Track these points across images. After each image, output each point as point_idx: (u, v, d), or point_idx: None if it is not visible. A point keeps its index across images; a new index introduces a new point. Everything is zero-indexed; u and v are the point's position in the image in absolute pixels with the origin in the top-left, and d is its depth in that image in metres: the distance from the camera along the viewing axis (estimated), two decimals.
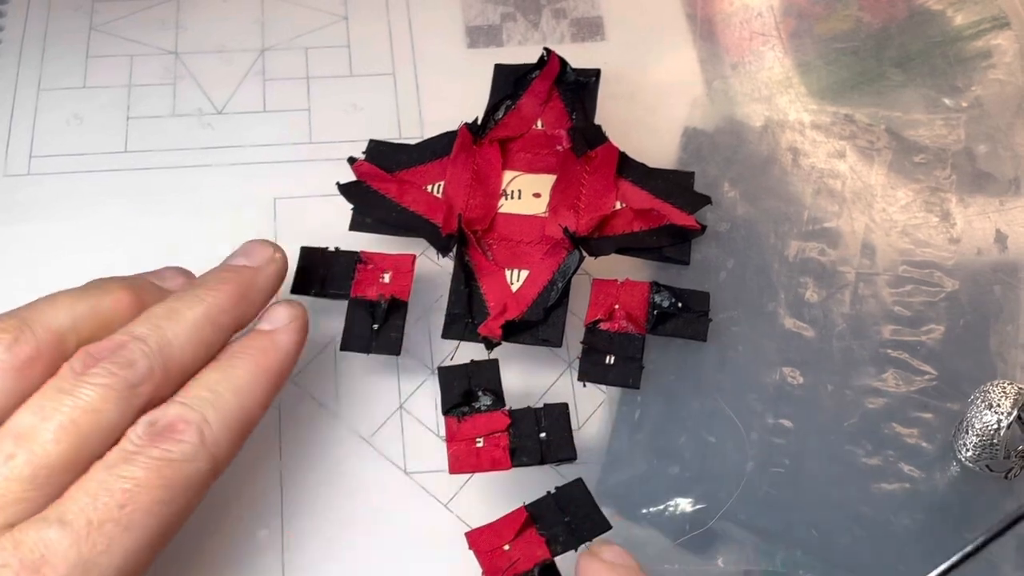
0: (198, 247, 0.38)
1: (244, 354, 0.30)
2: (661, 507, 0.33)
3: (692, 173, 0.38)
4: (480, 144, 0.37)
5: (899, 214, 0.39)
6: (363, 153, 0.37)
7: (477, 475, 0.34)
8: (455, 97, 0.42)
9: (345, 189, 0.36)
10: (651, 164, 0.38)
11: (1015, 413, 0.32)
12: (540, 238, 0.35)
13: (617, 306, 0.34)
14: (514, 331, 0.33)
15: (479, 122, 0.37)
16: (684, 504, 0.33)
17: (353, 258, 0.35)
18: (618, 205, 0.36)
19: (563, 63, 0.39)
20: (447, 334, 0.34)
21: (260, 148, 0.40)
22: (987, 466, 0.33)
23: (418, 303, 0.36)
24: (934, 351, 0.36)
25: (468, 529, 0.33)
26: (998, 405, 0.32)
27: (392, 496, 0.34)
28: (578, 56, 0.39)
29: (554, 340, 0.33)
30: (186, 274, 0.33)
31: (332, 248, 0.35)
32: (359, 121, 0.41)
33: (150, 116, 0.41)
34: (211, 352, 0.30)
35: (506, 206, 0.36)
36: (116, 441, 0.27)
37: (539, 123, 0.38)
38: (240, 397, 0.29)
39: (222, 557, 0.33)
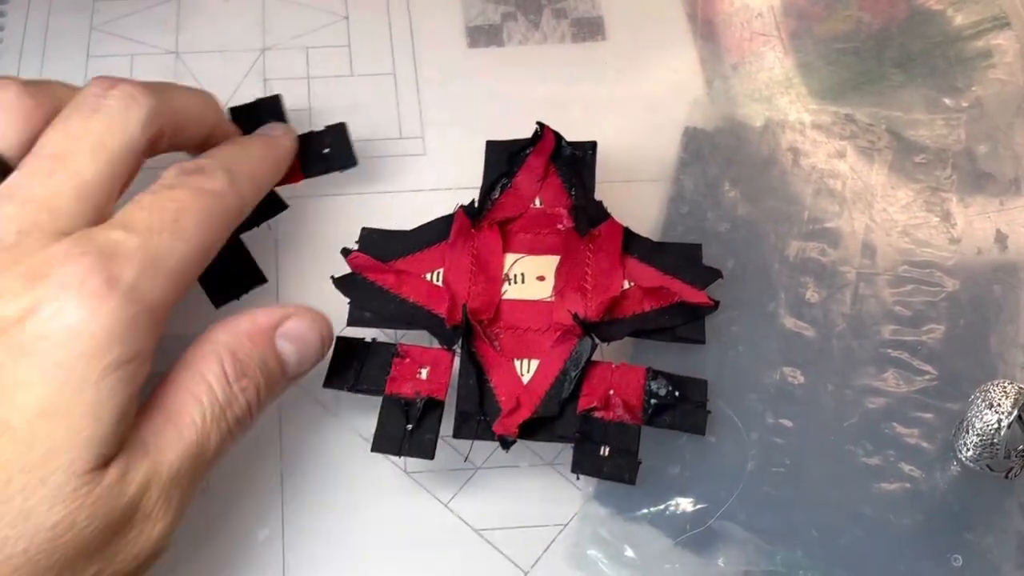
0: None
1: (254, 139, 0.36)
2: (661, 507, 0.33)
3: (699, 245, 0.36)
4: (479, 228, 0.36)
5: (899, 214, 0.39)
6: (356, 243, 0.36)
7: (478, 475, 0.34)
8: (455, 97, 0.42)
9: (341, 282, 0.35)
10: (652, 165, 0.37)
11: (1015, 413, 0.32)
12: (548, 325, 0.34)
13: (612, 392, 0.33)
14: (530, 429, 0.32)
15: (475, 204, 0.36)
16: (684, 504, 0.33)
17: (390, 351, 0.34)
18: (626, 284, 0.35)
19: (558, 137, 0.37)
20: (459, 434, 0.32)
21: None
22: (987, 466, 0.33)
23: None
24: (934, 351, 0.36)
25: (468, 529, 0.34)
26: (998, 405, 0.32)
27: (392, 496, 0.34)
28: (578, 56, 0.39)
29: (571, 437, 0.32)
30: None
31: (369, 339, 0.34)
32: (359, 121, 0.41)
33: None
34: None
35: (510, 292, 0.35)
36: (139, 164, 0.31)
37: (537, 201, 0.37)
38: (254, 165, 0.34)
39: (223, 558, 0.33)
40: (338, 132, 0.38)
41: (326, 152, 0.38)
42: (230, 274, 0.35)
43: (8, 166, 0.29)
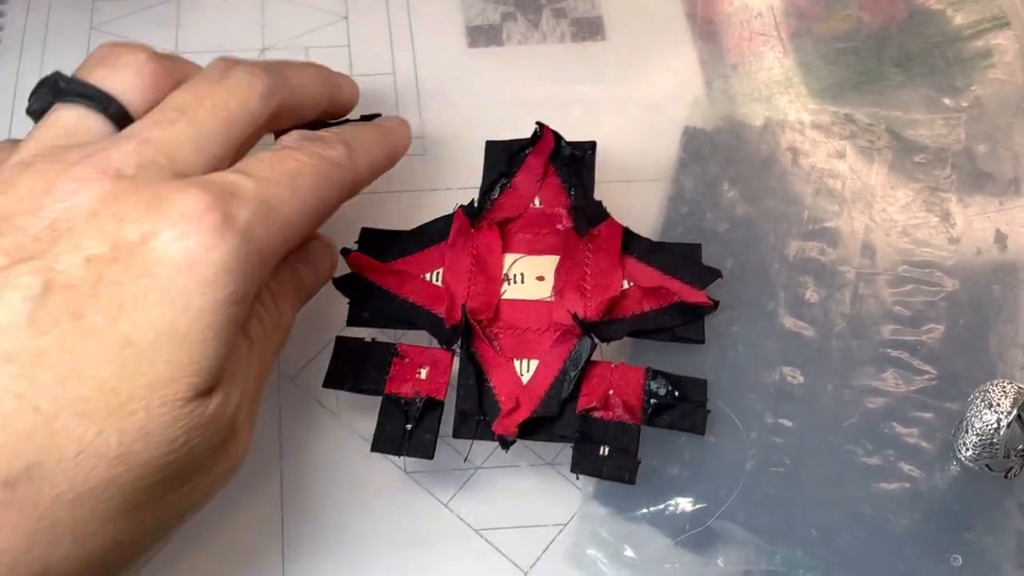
0: None
1: (371, 125, 0.36)
2: (661, 506, 0.33)
3: (699, 245, 0.36)
4: (478, 227, 0.36)
5: (899, 214, 0.39)
6: (355, 243, 0.36)
7: (477, 475, 0.34)
8: (455, 97, 0.42)
9: (340, 283, 0.35)
10: (651, 165, 0.37)
11: (1015, 412, 0.32)
12: (548, 325, 0.34)
13: (611, 392, 0.33)
14: (529, 429, 0.32)
15: (475, 204, 0.36)
16: (684, 503, 0.33)
17: (390, 351, 0.34)
18: (625, 284, 0.35)
19: (557, 137, 0.37)
20: (458, 433, 0.32)
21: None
22: (987, 465, 0.33)
23: None
24: (934, 351, 0.36)
25: (468, 529, 0.33)
26: (998, 404, 0.32)
27: (392, 496, 0.34)
28: (578, 56, 0.39)
29: (571, 437, 0.32)
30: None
31: (369, 339, 0.34)
32: None
33: None
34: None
35: (509, 291, 0.35)
36: (257, 136, 0.32)
37: (537, 201, 0.37)
38: (371, 147, 0.34)
39: (221, 557, 0.33)
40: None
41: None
42: None
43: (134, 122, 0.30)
